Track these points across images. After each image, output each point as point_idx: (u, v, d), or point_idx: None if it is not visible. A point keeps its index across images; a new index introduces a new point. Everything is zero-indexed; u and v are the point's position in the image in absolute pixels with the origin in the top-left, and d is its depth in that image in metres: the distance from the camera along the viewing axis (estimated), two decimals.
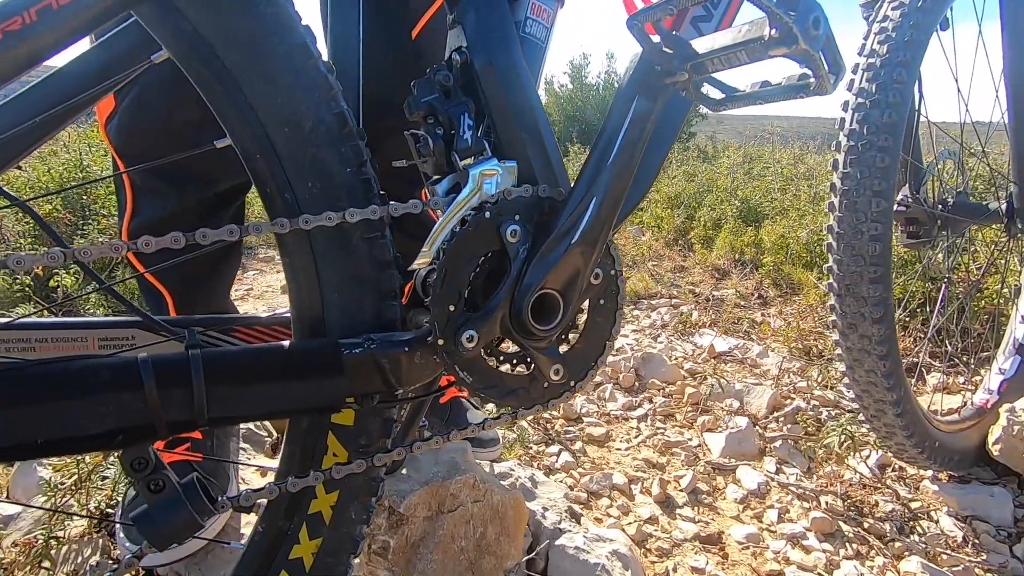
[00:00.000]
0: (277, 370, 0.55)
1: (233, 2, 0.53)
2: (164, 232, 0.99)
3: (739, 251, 3.16)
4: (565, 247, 0.63)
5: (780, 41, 0.46)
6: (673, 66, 0.58)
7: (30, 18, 0.41)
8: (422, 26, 0.98)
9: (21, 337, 0.61)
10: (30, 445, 0.44)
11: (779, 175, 3.87)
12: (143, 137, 0.93)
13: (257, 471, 1.20)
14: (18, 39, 0.40)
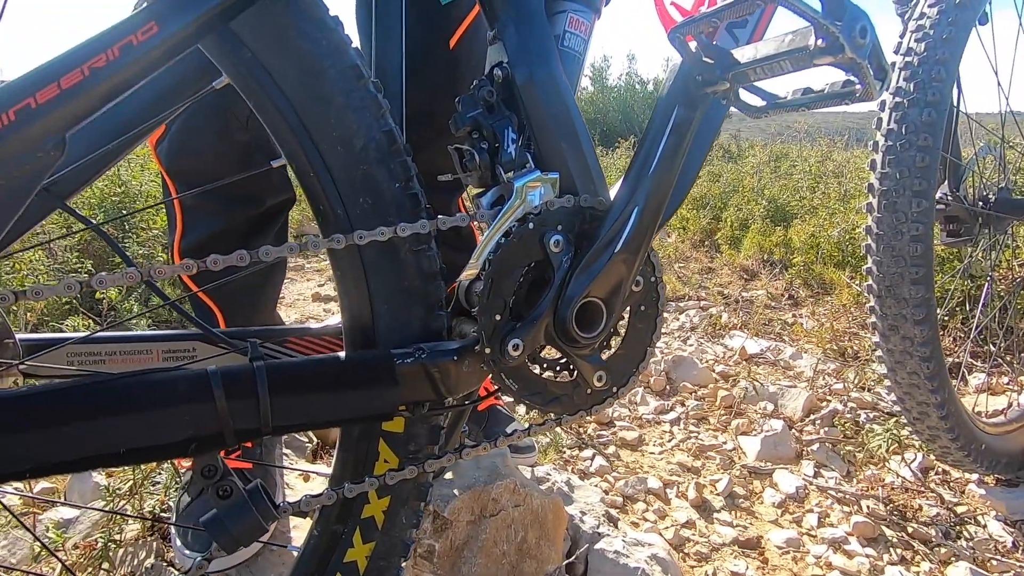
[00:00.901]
0: (335, 380, 0.57)
1: (290, 29, 0.55)
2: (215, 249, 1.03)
3: (768, 251, 3.12)
4: (609, 256, 0.64)
5: (826, 51, 0.47)
6: (714, 76, 0.59)
7: (113, 55, 0.44)
8: (459, 37, 1.00)
9: (93, 351, 0.64)
10: (116, 453, 0.47)
11: (807, 173, 3.81)
12: (192, 159, 0.97)
13: (299, 476, 1.23)
14: (104, 75, 0.43)
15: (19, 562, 1.07)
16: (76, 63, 0.43)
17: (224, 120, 0.93)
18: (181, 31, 0.46)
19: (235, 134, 0.95)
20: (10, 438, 0.42)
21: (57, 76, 0.42)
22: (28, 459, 0.43)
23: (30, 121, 0.41)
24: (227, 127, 0.94)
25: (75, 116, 0.43)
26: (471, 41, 1.02)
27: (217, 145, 0.95)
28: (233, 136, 0.95)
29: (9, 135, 0.41)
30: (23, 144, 0.41)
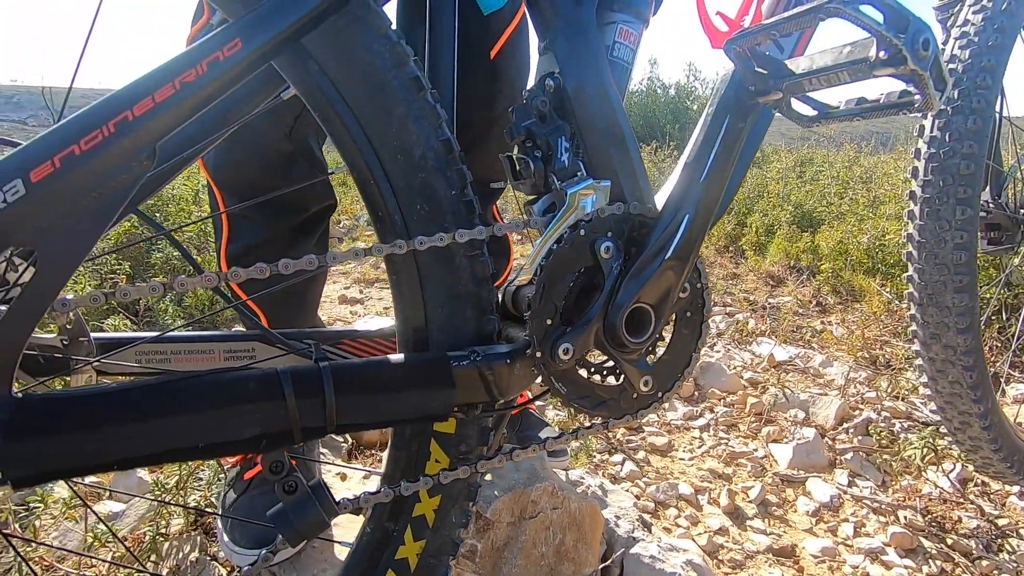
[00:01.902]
0: (395, 381, 0.59)
1: (356, 43, 0.57)
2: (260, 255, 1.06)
3: (794, 257, 3.09)
4: (659, 263, 0.65)
5: (888, 62, 0.47)
6: (768, 86, 0.60)
7: (202, 70, 0.46)
8: (499, 48, 1.02)
9: (159, 350, 0.67)
10: (195, 448, 0.49)
11: (834, 179, 3.76)
12: (238, 169, 1.00)
13: (336, 475, 1.25)
14: (193, 88, 0.46)
15: (69, 554, 1.11)
16: (169, 77, 0.45)
17: (268, 131, 0.97)
18: (262, 47, 0.49)
19: (279, 145, 0.98)
20: (104, 432, 0.45)
21: (152, 90, 0.45)
22: (119, 451, 0.46)
23: (128, 133, 0.44)
24: (271, 138, 0.97)
25: (167, 127, 0.46)
26: (510, 52, 1.04)
27: (261, 156, 0.99)
28: (277, 147, 0.98)
29: (110, 146, 0.43)
30: (121, 154, 0.44)
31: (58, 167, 0.42)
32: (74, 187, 0.43)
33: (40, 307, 0.43)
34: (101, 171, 0.43)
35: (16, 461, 0.42)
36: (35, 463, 0.43)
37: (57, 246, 0.43)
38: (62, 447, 0.44)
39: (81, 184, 0.43)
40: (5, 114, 29.17)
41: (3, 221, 0.41)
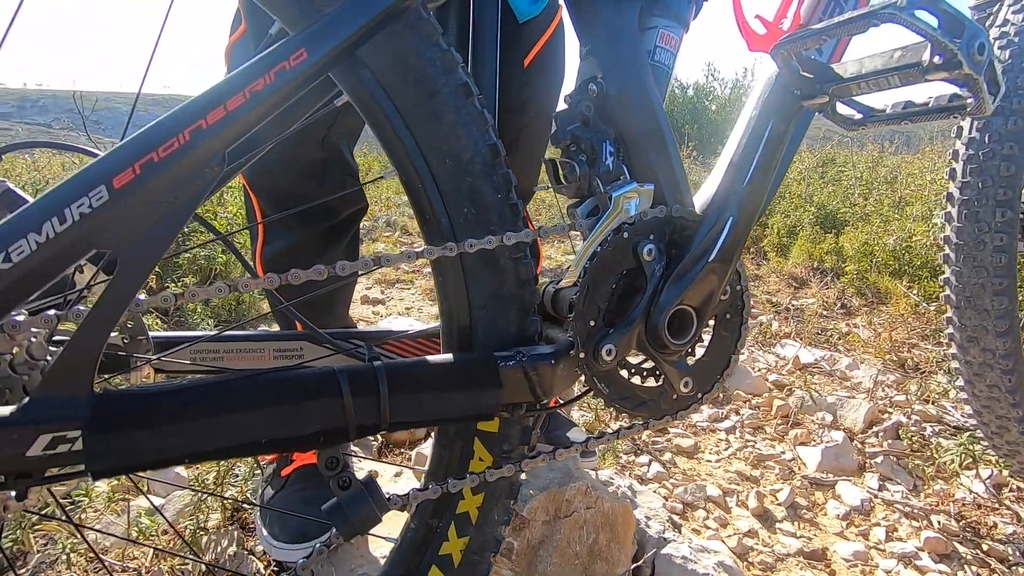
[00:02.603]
0: (445, 380, 0.60)
1: (408, 51, 0.59)
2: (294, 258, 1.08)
3: (818, 259, 3.06)
4: (702, 265, 0.66)
5: (942, 67, 0.48)
6: (814, 90, 0.60)
7: (270, 79, 0.48)
8: (534, 55, 1.03)
9: (213, 348, 0.69)
10: (258, 443, 0.51)
11: (858, 179, 3.71)
12: (274, 175, 1.03)
13: (369, 472, 1.27)
14: (261, 97, 0.48)
15: (112, 545, 1.15)
16: (239, 87, 0.47)
17: (303, 139, 0.99)
18: (325, 57, 0.51)
19: (313, 152, 1.01)
20: (178, 427, 0.47)
21: (224, 99, 0.46)
22: (191, 446, 0.47)
23: (201, 140, 0.46)
24: (306, 146, 1.00)
25: (236, 135, 0.48)
26: (544, 60, 1.05)
27: (296, 162, 1.01)
28: (311, 154, 1.01)
29: (185, 153, 0.45)
30: (196, 161, 0.46)
31: (138, 174, 0.44)
32: (152, 193, 0.45)
33: (119, 308, 0.45)
34: (177, 177, 0.45)
35: (97, 454, 0.44)
36: (114, 457, 0.45)
37: (135, 249, 0.45)
38: (139, 442, 0.46)
39: (159, 190, 0.45)
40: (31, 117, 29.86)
41: (89, 226, 0.43)
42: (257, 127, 0.49)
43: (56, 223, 0.42)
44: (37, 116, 29.21)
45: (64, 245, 0.42)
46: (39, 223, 0.41)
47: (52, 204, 0.42)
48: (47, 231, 0.41)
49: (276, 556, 1.00)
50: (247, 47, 0.93)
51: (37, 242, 0.41)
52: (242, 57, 0.93)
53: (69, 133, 10.01)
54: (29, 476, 0.43)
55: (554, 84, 1.11)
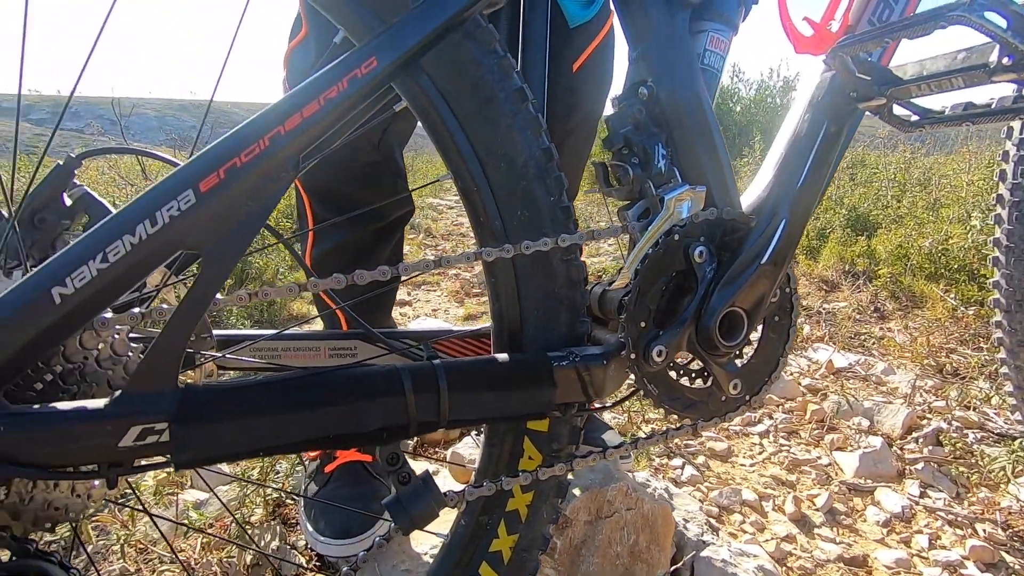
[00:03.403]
0: (500, 379, 0.61)
1: (467, 57, 0.60)
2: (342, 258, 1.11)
3: (849, 262, 3.01)
4: (755, 268, 0.66)
5: (1012, 68, 0.47)
6: (871, 91, 0.60)
7: (343, 86, 0.50)
8: (583, 61, 1.04)
9: (271, 346, 0.72)
10: (326, 438, 0.53)
11: (891, 181, 3.64)
12: (328, 177, 1.05)
13: None
14: (334, 103, 0.49)
15: (159, 539, 1.18)
16: (315, 94, 0.49)
17: (358, 142, 1.01)
18: (394, 64, 0.52)
19: (367, 155, 1.03)
20: (255, 421, 0.49)
21: (300, 106, 0.48)
22: (267, 439, 0.49)
23: (280, 146, 0.48)
24: (360, 149, 1.02)
25: (310, 140, 0.50)
26: (593, 66, 1.06)
27: (350, 165, 1.03)
28: (365, 157, 1.03)
29: (265, 158, 0.47)
30: (274, 166, 0.48)
31: (223, 178, 0.46)
32: (235, 196, 0.47)
33: (203, 306, 0.47)
34: (256, 181, 0.47)
35: (182, 446, 0.46)
36: (197, 448, 0.47)
37: (217, 250, 0.47)
38: (219, 434, 0.48)
39: (241, 193, 0.47)
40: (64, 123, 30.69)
41: (178, 227, 0.45)
42: (328, 132, 0.51)
43: (148, 225, 0.44)
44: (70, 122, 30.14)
45: (155, 246, 0.45)
46: (133, 225, 0.44)
47: (144, 207, 0.44)
48: (140, 233, 0.44)
49: (321, 550, 1.02)
50: (307, 52, 0.95)
51: (131, 243, 0.44)
52: (302, 62, 0.96)
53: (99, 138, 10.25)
54: (120, 465, 0.45)
55: (602, 90, 1.12)
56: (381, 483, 1.11)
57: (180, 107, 40.49)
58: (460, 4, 0.54)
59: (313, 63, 0.96)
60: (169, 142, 8.81)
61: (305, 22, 0.95)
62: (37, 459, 0.42)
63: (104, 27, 0.51)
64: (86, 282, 0.42)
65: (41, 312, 0.42)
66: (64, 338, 0.44)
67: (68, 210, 0.61)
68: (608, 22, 1.12)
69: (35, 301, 0.42)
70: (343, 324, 1.14)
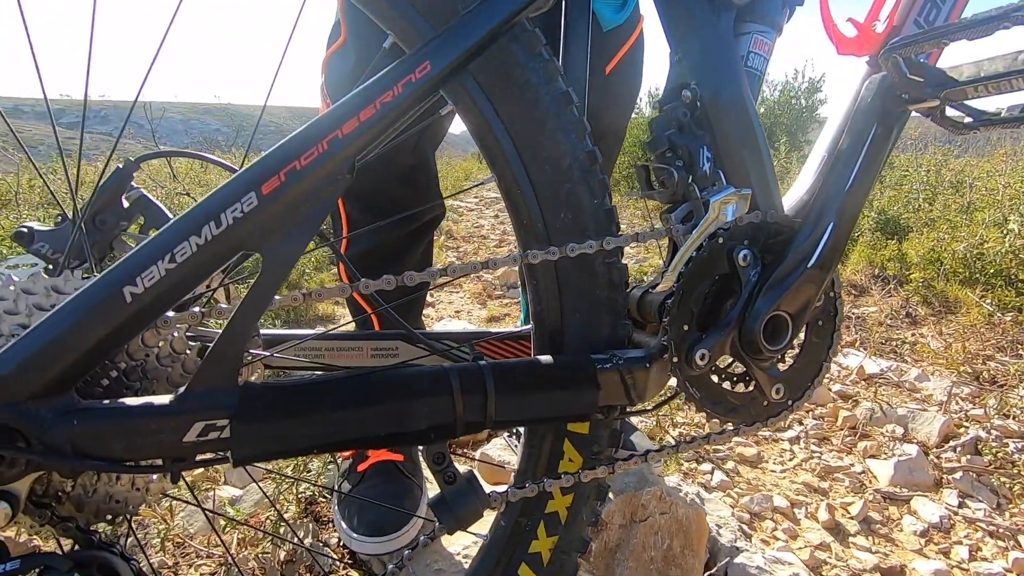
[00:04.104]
0: (545, 381, 0.61)
1: (513, 61, 0.61)
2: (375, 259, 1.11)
3: (879, 266, 2.95)
4: (801, 271, 0.65)
5: None
6: (923, 93, 0.59)
7: (398, 91, 0.50)
8: (615, 63, 1.04)
9: (316, 346, 0.73)
10: (377, 436, 0.53)
11: (923, 183, 3.56)
12: (365, 179, 1.06)
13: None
14: (390, 108, 0.50)
15: (195, 533, 1.20)
16: (371, 98, 0.50)
17: (397, 145, 1.02)
18: (446, 69, 0.53)
19: (403, 158, 1.04)
20: (312, 418, 0.50)
21: (357, 110, 0.49)
22: (322, 436, 0.50)
23: (338, 149, 0.49)
24: (400, 152, 1.03)
25: (366, 144, 0.51)
26: (625, 68, 1.06)
27: (386, 168, 1.05)
28: (401, 160, 1.04)
29: (324, 161, 0.48)
30: (332, 169, 0.49)
31: (283, 180, 0.47)
32: (295, 198, 0.48)
33: (263, 306, 0.48)
34: (316, 184, 0.48)
35: (242, 441, 0.47)
36: (256, 444, 0.48)
37: (277, 251, 0.48)
38: (277, 431, 0.49)
39: (300, 196, 0.48)
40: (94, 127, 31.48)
41: (240, 229, 0.46)
42: (382, 136, 0.52)
43: (213, 227, 0.45)
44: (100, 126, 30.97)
45: (218, 247, 0.46)
46: (199, 227, 0.45)
47: (209, 209, 0.45)
48: (206, 234, 0.45)
49: (356, 548, 1.03)
50: (346, 58, 0.97)
51: (197, 244, 0.45)
52: (340, 67, 0.97)
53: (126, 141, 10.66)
54: (183, 460, 0.47)
55: (632, 94, 1.12)
56: (412, 482, 1.12)
57: (204, 111, 41.31)
58: (510, 9, 0.55)
59: (351, 69, 0.97)
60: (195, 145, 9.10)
61: (344, 29, 0.96)
62: (107, 453, 0.44)
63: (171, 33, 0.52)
64: (155, 282, 0.44)
65: (113, 310, 0.43)
66: (132, 336, 0.46)
67: (126, 212, 0.63)
68: (639, 26, 1.12)
69: (108, 300, 0.43)
70: (376, 325, 1.15)
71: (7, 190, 4.15)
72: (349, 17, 0.96)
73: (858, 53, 0.83)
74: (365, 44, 0.95)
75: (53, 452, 0.42)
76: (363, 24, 0.95)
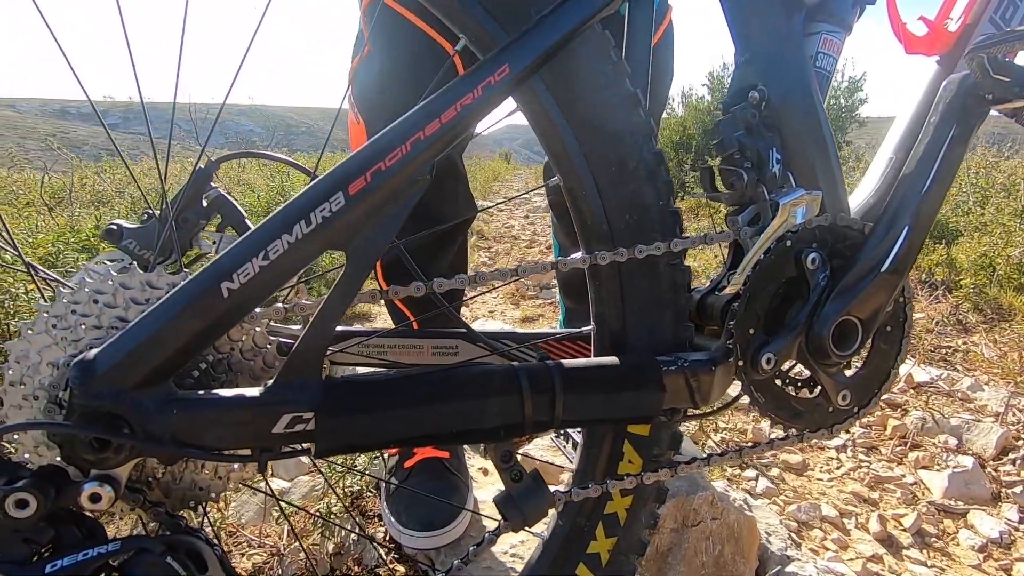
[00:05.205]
0: (612, 382, 0.62)
1: (582, 63, 0.61)
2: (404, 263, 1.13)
3: (926, 271, 2.86)
4: (874, 276, 0.64)
5: None
6: (1010, 94, 0.58)
7: (478, 93, 0.51)
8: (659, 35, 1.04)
9: (378, 344, 0.74)
10: (449, 433, 0.54)
11: (973, 186, 3.44)
12: None
13: (480, 470, 1.31)
14: (470, 110, 0.51)
15: (246, 523, 1.24)
16: (452, 101, 0.51)
17: None
18: (525, 71, 0.54)
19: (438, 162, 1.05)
20: (390, 412, 0.51)
21: (439, 112, 0.50)
22: (399, 431, 0.51)
23: (420, 150, 0.50)
24: None
25: (444, 146, 0.52)
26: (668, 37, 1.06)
27: None
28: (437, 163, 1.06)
29: (407, 162, 0.49)
30: (414, 169, 0.50)
31: (369, 181, 0.48)
32: (379, 198, 0.49)
33: (346, 303, 0.50)
34: (399, 184, 0.50)
35: (325, 434, 0.49)
36: (338, 437, 0.49)
37: (360, 249, 0.50)
38: (358, 425, 0.50)
39: (384, 195, 0.49)
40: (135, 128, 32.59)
41: (328, 227, 0.47)
42: (460, 138, 0.53)
43: (303, 225, 0.47)
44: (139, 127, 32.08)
45: (308, 245, 0.47)
46: (291, 225, 0.46)
47: (300, 208, 0.47)
48: (297, 232, 0.46)
49: (405, 543, 1.04)
50: (371, 67, 0.97)
51: (289, 242, 0.46)
52: (367, 77, 0.98)
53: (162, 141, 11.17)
54: (270, 451, 0.48)
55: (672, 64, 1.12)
56: (459, 479, 1.13)
57: (239, 112, 42.38)
58: (587, 12, 0.55)
59: (376, 78, 0.98)
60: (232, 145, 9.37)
61: (368, 39, 0.97)
62: (202, 441, 0.46)
63: (252, 37, 0.54)
64: (249, 278, 0.46)
65: (211, 305, 0.45)
66: (227, 329, 0.48)
67: (205, 210, 0.65)
68: (668, 15, 1.11)
69: (207, 294, 0.45)
70: (413, 324, 1.17)
71: (60, 188, 4.33)
72: (373, 28, 0.97)
73: (928, 52, 0.81)
74: (388, 53, 0.95)
75: (154, 439, 0.44)
76: (386, 33, 0.96)
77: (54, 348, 0.49)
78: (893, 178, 0.71)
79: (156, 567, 0.46)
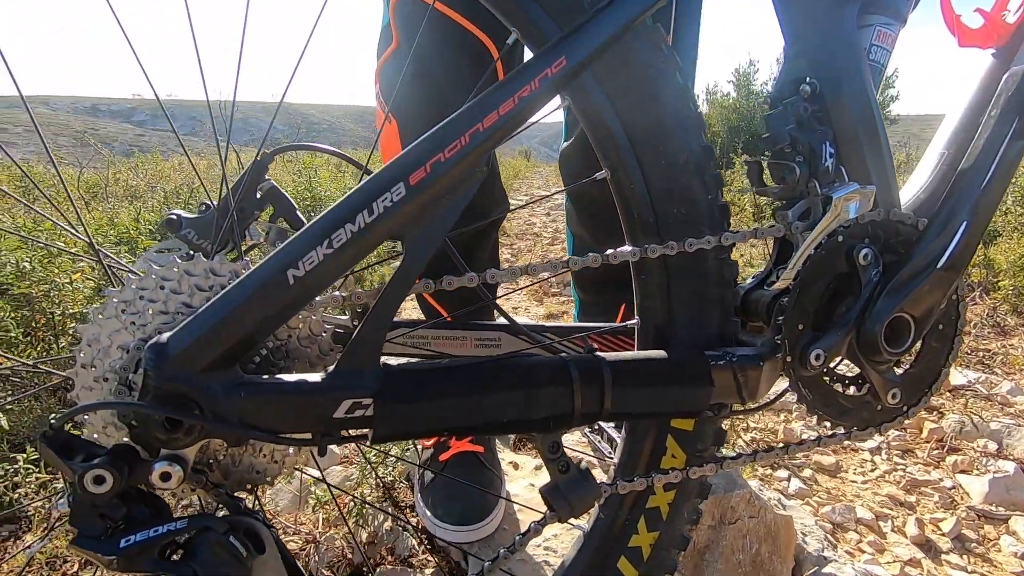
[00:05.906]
0: (660, 375, 0.61)
1: (634, 56, 0.61)
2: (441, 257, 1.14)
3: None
4: (929, 272, 0.63)
5: None
6: None
7: (535, 85, 0.52)
8: None
9: (423, 335, 0.75)
10: (500, 423, 0.55)
11: (1013, 184, 3.34)
12: None
13: (510, 463, 1.32)
14: (527, 101, 0.52)
15: (281, 511, 1.26)
16: (511, 93, 0.51)
17: None
18: (581, 64, 0.54)
19: None
20: (445, 400, 0.51)
21: (497, 104, 0.51)
22: (453, 419, 0.52)
23: (478, 142, 0.50)
24: None
25: (501, 138, 0.52)
26: None
27: None
28: None
29: (465, 153, 0.50)
30: (472, 160, 0.50)
31: (428, 172, 0.49)
32: (438, 189, 0.50)
33: (404, 291, 0.51)
34: (457, 175, 0.50)
35: (383, 420, 0.50)
36: (395, 423, 0.50)
37: (419, 239, 0.50)
38: (414, 412, 0.51)
39: (443, 186, 0.50)
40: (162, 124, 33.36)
41: (388, 217, 0.48)
42: (517, 130, 0.53)
43: (366, 215, 0.48)
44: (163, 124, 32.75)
45: (369, 234, 0.48)
46: (354, 214, 0.47)
47: (363, 198, 0.48)
48: (360, 221, 0.47)
49: (439, 535, 1.06)
50: (399, 63, 0.96)
51: (352, 231, 0.47)
52: (394, 73, 0.97)
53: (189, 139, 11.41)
54: (330, 435, 0.49)
55: None
56: (493, 473, 1.13)
57: (262, 108, 42.98)
58: (643, 6, 0.55)
59: (407, 75, 0.96)
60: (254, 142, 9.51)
61: (396, 35, 0.95)
62: (267, 424, 0.47)
63: (310, 39, 0.55)
64: (314, 266, 0.47)
65: (278, 291, 0.46)
66: (291, 316, 0.49)
67: (259, 201, 0.67)
68: None
69: (274, 281, 0.46)
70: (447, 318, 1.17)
71: (95, 183, 4.45)
72: (400, 22, 0.95)
73: (983, 45, 0.79)
74: (417, 48, 0.93)
75: (222, 421, 0.46)
76: (414, 27, 0.94)
77: (123, 332, 0.50)
78: (945, 174, 0.70)
79: (219, 545, 0.48)
